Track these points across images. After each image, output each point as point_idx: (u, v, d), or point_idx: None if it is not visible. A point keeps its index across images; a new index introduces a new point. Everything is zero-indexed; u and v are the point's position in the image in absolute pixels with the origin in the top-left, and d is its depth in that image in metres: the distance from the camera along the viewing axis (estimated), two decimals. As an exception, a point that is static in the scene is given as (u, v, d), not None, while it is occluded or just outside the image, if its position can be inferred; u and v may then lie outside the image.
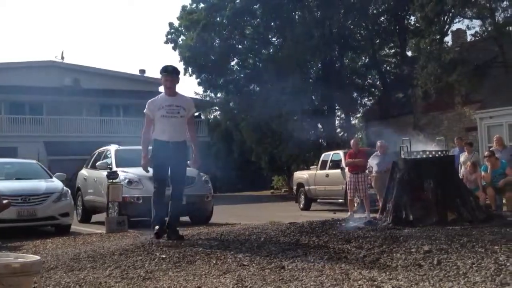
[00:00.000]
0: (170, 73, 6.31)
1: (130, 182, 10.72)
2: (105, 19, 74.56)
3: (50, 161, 25.82)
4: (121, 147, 12.93)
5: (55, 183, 10.54)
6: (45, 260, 5.36)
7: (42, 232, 10.11)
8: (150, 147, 6.47)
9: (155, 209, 6.36)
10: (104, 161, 12.05)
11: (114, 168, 11.03)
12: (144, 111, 6.34)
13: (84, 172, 13.34)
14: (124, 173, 10.81)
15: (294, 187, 18.60)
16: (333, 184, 15.63)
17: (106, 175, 9.92)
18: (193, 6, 32.01)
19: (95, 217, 12.60)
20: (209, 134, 34.96)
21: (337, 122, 32.89)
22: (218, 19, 30.25)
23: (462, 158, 11.42)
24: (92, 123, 30.12)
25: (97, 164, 12.10)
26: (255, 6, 30.49)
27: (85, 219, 12.64)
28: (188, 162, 6.62)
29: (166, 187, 6.40)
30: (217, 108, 39.00)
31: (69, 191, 10.59)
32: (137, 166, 11.26)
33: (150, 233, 6.62)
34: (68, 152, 26.37)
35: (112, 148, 12.54)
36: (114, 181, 9.67)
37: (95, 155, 13.37)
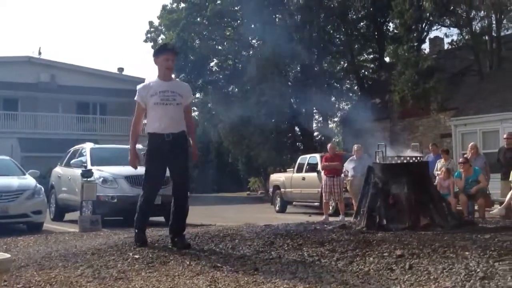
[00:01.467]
0: (172, 50, 5.54)
1: (105, 181, 10.63)
2: (84, 16, 73.83)
3: (23, 158, 25.43)
4: (96, 145, 12.82)
5: (28, 180, 10.39)
6: (16, 258, 5.27)
7: (14, 229, 9.94)
8: (139, 146, 5.87)
9: (140, 215, 5.62)
10: (79, 159, 11.92)
11: (89, 167, 10.93)
12: (135, 98, 5.49)
13: (58, 170, 13.18)
14: (99, 172, 10.72)
15: (270, 189, 18.64)
16: (309, 187, 15.71)
17: (81, 173, 9.82)
18: (173, 6, 31.95)
19: (68, 216, 12.45)
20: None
21: (314, 125, 33.08)
22: (198, 19, 30.21)
23: (439, 164, 11.57)
24: (68, 120, 29.77)
25: (71, 162, 11.97)
26: (236, 8, 30.52)
27: (58, 217, 12.49)
28: None
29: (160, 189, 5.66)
30: (195, 108, 38.91)
31: (43, 188, 10.45)
32: (113, 164, 11.33)
33: (124, 233, 6.57)
34: (42, 149, 26.00)
35: (88, 146, 12.42)
36: (88, 179, 9.58)
37: (70, 153, 13.21)
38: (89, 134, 27.07)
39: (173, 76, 5.76)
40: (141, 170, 11.28)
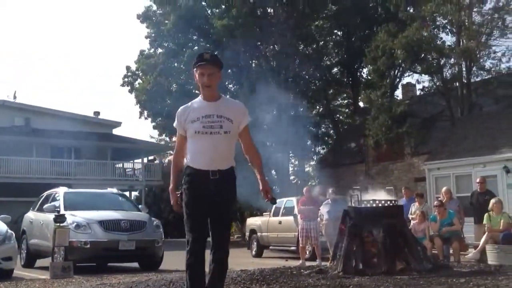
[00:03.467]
0: (207, 61, 4.13)
1: (78, 226, 10.42)
2: (61, 60, 73.89)
3: (-5, 203, 24.84)
4: (70, 190, 12.63)
5: (-1, 226, 10.13)
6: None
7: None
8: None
9: (189, 280, 4.08)
10: (52, 203, 11.69)
11: (62, 211, 10.71)
12: (174, 124, 4.29)
13: (30, 214, 12.89)
14: (72, 217, 10.52)
15: (247, 234, 18.48)
16: (286, 231, 15.62)
17: (53, 218, 9.63)
18: (151, 51, 32.23)
19: (39, 262, 12.12)
20: (163, 178, 34.64)
21: (291, 169, 33.19)
22: (175, 64, 30.49)
23: (413, 208, 11.65)
24: (42, 164, 29.30)
25: (44, 206, 11.73)
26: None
27: (29, 263, 12.13)
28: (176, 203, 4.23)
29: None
30: (171, 152, 38.79)
31: (13, 234, 10.19)
32: (87, 209, 11.15)
33: (96, 280, 6.43)
34: (15, 194, 25.48)
35: (61, 191, 12.22)
36: (61, 224, 9.39)
37: (43, 197, 12.97)
38: (63, 178, 26.68)
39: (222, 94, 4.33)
40: (114, 214, 11.20)
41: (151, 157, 36.72)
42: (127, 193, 25.80)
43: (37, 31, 70.86)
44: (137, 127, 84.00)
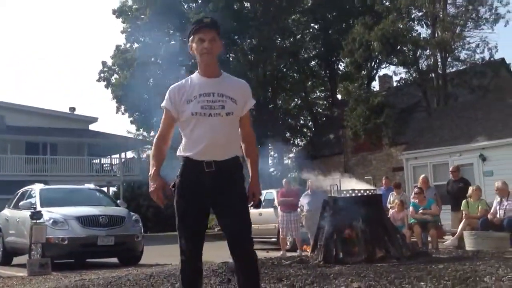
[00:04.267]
0: (208, 25, 3.44)
1: (55, 222, 10.27)
2: (36, 56, 72.77)
3: (-31, 201, 24.38)
4: (46, 186, 12.43)
5: (-26, 224, 9.95)
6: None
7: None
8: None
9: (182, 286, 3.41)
10: (28, 200, 11.52)
11: (39, 208, 10.56)
12: (162, 104, 3.59)
13: (6, 212, 12.69)
14: (49, 213, 10.37)
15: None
16: (266, 223, 15.65)
17: (30, 215, 9.48)
18: (127, 46, 31.91)
19: (16, 259, 11.94)
20: (141, 173, 34.38)
21: (270, 161, 33.25)
22: (152, 59, 30.24)
23: (392, 197, 11.78)
24: (17, 161, 28.84)
25: (20, 204, 11.55)
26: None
27: (6, 261, 11.95)
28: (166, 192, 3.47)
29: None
30: (149, 147, 38.55)
31: (-11, 232, 10.02)
32: (64, 205, 11.00)
33: (75, 276, 6.34)
34: (-11, 192, 25.05)
35: (37, 187, 12.04)
36: (38, 221, 9.25)
37: (19, 194, 12.77)
38: (39, 175, 26.25)
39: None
40: (92, 210, 11.08)
41: (128, 152, 36.44)
42: (105, 189, 25.53)
43: (11, 26, 69.64)
44: (114, 122, 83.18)
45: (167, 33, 31.08)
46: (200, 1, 29.44)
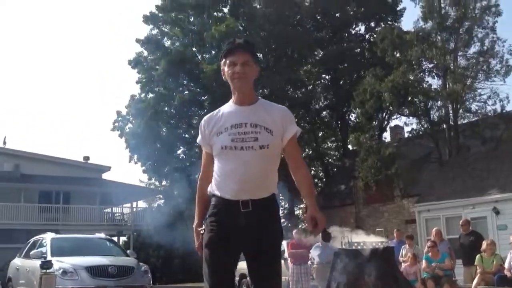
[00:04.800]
0: (240, 46, 3.09)
1: (64, 272, 10.23)
2: (51, 106, 74.11)
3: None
4: (57, 235, 12.46)
5: (-16, 273, 9.94)
6: None
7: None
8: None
9: None
10: (39, 249, 11.52)
11: (49, 257, 10.56)
12: (197, 140, 3.24)
13: (17, 261, 12.67)
14: (59, 263, 10.35)
15: (237, 279, 18.22)
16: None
17: (40, 264, 9.47)
18: (142, 96, 32.50)
19: (24, 310, 11.82)
20: (152, 222, 34.29)
21: (281, 212, 33.06)
22: (166, 108, 30.71)
23: (404, 251, 11.62)
24: (30, 210, 28.96)
25: (31, 253, 11.55)
26: (203, 98, 31.27)
27: (15, 312, 11.86)
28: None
29: None
30: (161, 196, 38.60)
31: (-1, 282, 10.00)
32: (74, 255, 10.99)
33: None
34: (2, 240, 25.06)
35: (48, 236, 12.06)
36: (47, 271, 9.23)
37: (30, 243, 12.78)
38: (51, 224, 26.31)
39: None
40: (102, 260, 11.04)
41: (140, 202, 36.49)
42: (115, 238, 25.46)
43: (27, 78, 71.31)
44: (127, 171, 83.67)
45: (181, 83, 31.67)
46: (213, 52, 30.07)
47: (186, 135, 32.27)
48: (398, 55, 24.73)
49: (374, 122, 25.75)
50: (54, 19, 69.00)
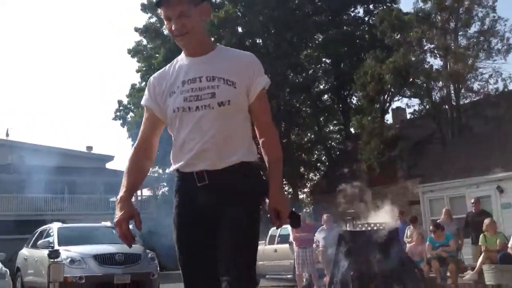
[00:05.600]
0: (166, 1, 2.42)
1: (72, 261, 10.33)
2: (52, 97, 74.08)
3: (-12, 241, 24.55)
4: (64, 225, 12.54)
5: (-8, 264, 10.04)
6: None
7: (-24, 317, 9.49)
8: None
9: None
10: (46, 239, 11.62)
11: (56, 247, 10.65)
12: (142, 102, 2.59)
13: (24, 251, 12.79)
14: (67, 252, 10.44)
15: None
16: (282, 259, 15.50)
17: (47, 254, 9.56)
18: (142, 84, 32.48)
19: (34, 300, 11.95)
20: (156, 210, 34.45)
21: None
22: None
23: (409, 231, 11.65)
24: (36, 200, 29.14)
25: (38, 243, 11.66)
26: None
27: (24, 301, 11.99)
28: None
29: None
30: (165, 184, 38.73)
31: (8, 271, 10.09)
32: (81, 244, 11.08)
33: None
34: (9, 231, 25.25)
35: (55, 226, 12.15)
36: (55, 260, 9.32)
37: (37, 233, 12.90)
38: (57, 214, 26.47)
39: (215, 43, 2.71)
40: (109, 248, 11.14)
41: (144, 190, 36.60)
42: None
43: (28, 70, 71.18)
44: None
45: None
46: (212, 39, 29.98)
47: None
48: (398, 36, 24.64)
49: (376, 105, 25.70)
50: (54, 9, 68.76)
